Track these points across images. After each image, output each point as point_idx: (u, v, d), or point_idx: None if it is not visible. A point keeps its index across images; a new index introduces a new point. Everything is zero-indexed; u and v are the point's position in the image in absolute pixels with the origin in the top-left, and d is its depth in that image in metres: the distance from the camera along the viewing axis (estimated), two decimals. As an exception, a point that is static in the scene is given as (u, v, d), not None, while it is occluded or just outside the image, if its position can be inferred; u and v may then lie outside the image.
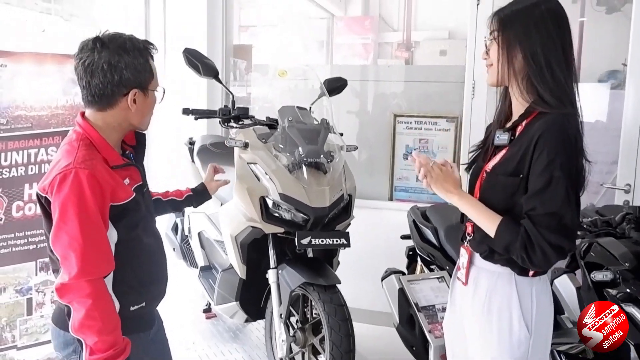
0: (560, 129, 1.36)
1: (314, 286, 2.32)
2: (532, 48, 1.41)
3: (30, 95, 2.53)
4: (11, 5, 3.00)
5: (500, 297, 1.47)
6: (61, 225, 1.43)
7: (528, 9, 1.44)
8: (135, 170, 1.63)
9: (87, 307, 1.42)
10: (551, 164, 1.33)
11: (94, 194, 1.43)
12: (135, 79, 1.53)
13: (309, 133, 2.43)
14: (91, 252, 1.43)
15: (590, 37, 5.79)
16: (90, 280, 1.43)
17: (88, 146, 1.50)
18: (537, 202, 1.34)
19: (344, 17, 8.37)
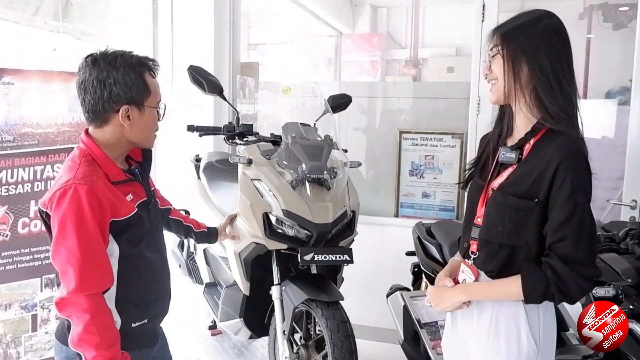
0: (579, 154, 1.35)
1: (317, 302, 2.31)
2: (539, 60, 1.40)
3: (37, 113, 2.57)
4: (20, 24, 3.06)
5: (507, 315, 1.45)
6: (60, 240, 1.45)
7: (531, 22, 1.44)
8: (139, 186, 1.64)
9: (85, 322, 1.43)
10: (576, 192, 1.32)
11: (92, 209, 1.44)
12: (125, 95, 1.53)
13: (312, 149, 2.44)
14: (89, 267, 1.44)
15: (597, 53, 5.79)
16: (88, 295, 1.44)
17: (90, 162, 1.52)
18: (567, 231, 1.32)
19: (352, 34, 8.44)
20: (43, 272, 2.60)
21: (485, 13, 3.33)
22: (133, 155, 1.69)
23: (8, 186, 2.49)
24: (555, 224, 1.34)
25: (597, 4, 5.86)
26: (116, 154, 1.59)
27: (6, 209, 2.50)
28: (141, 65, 1.57)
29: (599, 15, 5.90)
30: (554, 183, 1.34)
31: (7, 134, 2.49)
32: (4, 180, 2.48)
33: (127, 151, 1.65)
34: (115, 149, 1.59)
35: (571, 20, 6.07)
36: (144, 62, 1.58)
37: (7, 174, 2.49)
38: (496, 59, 1.46)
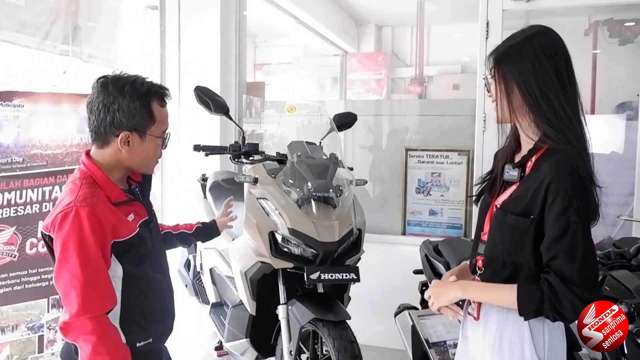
0: (570, 171, 1.33)
1: (324, 322, 2.29)
2: (526, 81, 1.40)
3: (46, 134, 2.60)
4: (31, 48, 3.11)
5: (511, 332, 1.44)
6: (62, 263, 1.47)
7: (521, 43, 1.44)
8: (140, 206, 1.66)
9: (93, 344, 1.44)
10: (567, 210, 1.31)
11: (93, 232, 1.46)
12: (127, 122, 1.55)
13: (317, 168, 2.44)
14: (91, 289, 1.45)
15: (604, 69, 5.80)
16: (92, 318, 1.45)
17: (90, 184, 1.54)
18: (558, 249, 1.31)
19: (357, 53, 8.52)
20: (50, 292, 2.61)
21: (489, 30, 3.36)
22: (133, 175, 1.71)
23: (17, 207, 2.51)
24: (547, 242, 1.34)
25: (602, 20, 5.88)
26: (116, 176, 1.61)
27: (15, 230, 2.52)
28: (149, 94, 1.58)
29: (605, 30, 5.92)
30: (546, 201, 1.34)
31: (16, 155, 2.52)
32: (13, 201, 2.50)
33: (127, 174, 1.66)
34: (115, 171, 1.60)
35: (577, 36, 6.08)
36: (154, 91, 1.59)
37: (16, 195, 2.51)
38: (492, 82, 1.48)
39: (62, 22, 3.45)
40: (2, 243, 2.49)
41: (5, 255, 2.50)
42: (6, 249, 2.50)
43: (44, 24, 3.24)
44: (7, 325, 2.50)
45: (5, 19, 2.92)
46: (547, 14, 3.74)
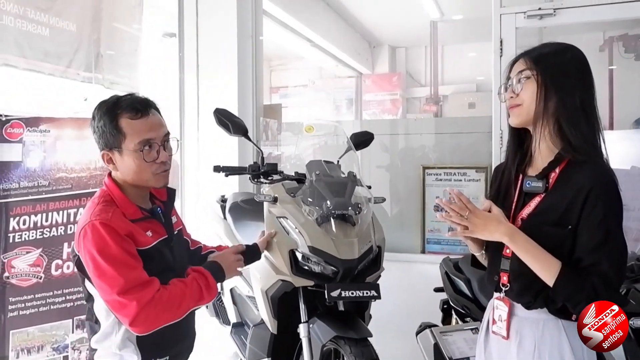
0: (610, 181, 1.36)
1: (345, 340, 2.28)
2: (570, 90, 1.42)
3: (71, 158, 2.67)
4: (54, 76, 3.22)
5: (550, 345, 1.41)
6: (99, 275, 1.53)
7: (561, 51, 1.47)
8: (159, 225, 1.70)
9: (168, 302, 1.54)
10: (607, 217, 1.33)
11: (112, 238, 1.52)
12: (103, 142, 1.63)
13: (336, 186, 2.46)
14: (134, 285, 1.51)
15: (620, 84, 5.79)
16: (149, 301, 1.52)
17: (108, 202, 1.60)
18: (601, 256, 1.33)
19: (372, 75, 8.61)
20: (74, 313, 2.64)
21: (503, 49, 3.38)
22: (158, 194, 1.75)
23: (43, 229, 2.57)
24: (589, 248, 1.34)
25: (617, 36, 5.89)
26: (133, 194, 1.66)
27: (41, 252, 2.57)
28: (115, 110, 1.60)
29: (620, 46, 5.92)
30: (585, 209, 1.35)
31: (42, 179, 2.58)
32: (39, 224, 2.56)
33: (143, 191, 1.70)
34: (130, 189, 1.66)
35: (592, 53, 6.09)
36: (122, 107, 1.60)
37: (42, 218, 2.57)
38: (527, 83, 1.45)
39: (85, 50, 3.56)
40: (29, 265, 2.54)
41: (31, 276, 2.54)
42: (32, 271, 2.55)
43: (67, 53, 3.34)
44: (32, 346, 2.54)
45: (30, 48, 3.03)
46: (561, 31, 3.76)
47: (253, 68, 4.08)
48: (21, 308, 2.52)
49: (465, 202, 1.44)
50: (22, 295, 2.52)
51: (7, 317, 2.49)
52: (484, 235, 1.43)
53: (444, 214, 1.46)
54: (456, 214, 1.44)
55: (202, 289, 1.66)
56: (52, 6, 3.08)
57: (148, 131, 1.62)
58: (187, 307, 1.62)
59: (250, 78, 4.07)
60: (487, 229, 1.42)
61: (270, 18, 5.22)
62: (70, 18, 3.25)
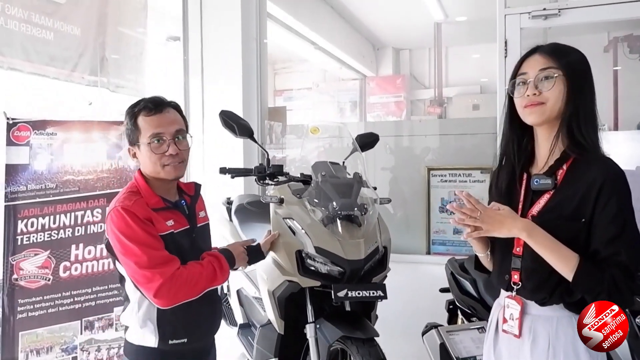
0: (621, 174, 1.39)
1: (352, 340, 2.29)
2: (588, 93, 1.46)
3: (78, 161, 2.69)
4: (59, 80, 3.24)
5: (564, 342, 1.41)
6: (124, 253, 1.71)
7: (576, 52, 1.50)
8: (181, 216, 1.86)
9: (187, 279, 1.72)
10: (623, 209, 1.36)
11: (134, 221, 1.70)
12: (128, 139, 1.86)
13: (342, 187, 2.47)
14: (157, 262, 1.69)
15: (625, 85, 5.77)
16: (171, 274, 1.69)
17: (132, 193, 1.79)
18: (619, 247, 1.34)
19: (376, 77, 8.61)
20: (83, 314, 2.66)
21: (507, 49, 3.39)
22: (186, 189, 1.95)
23: (51, 231, 2.59)
24: (606, 240, 1.36)
25: (621, 36, 5.88)
26: (157, 186, 1.83)
27: (48, 254, 2.59)
28: (136, 111, 1.82)
29: (624, 47, 5.91)
30: (598, 202, 1.36)
31: (50, 181, 2.60)
32: (46, 226, 2.58)
33: (167, 183, 1.86)
34: (155, 182, 1.84)
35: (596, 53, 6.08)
36: (140, 107, 1.82)
37: (49, 220, 2.59)
38: (556, 82, 1.45)
39: (90, 54, 3.58)
40: (37, 267, 2.56)
41: (39, 278, 2.56)
42: (40, 273, 2.56)
43: (72, 57, 3.37)
44: (42, 347, 2.56)
45: (35, 53, 3.05)
46: (565, 32, 3.77)
47: (257, 71, 4.09)
48: (30, 310, 2.54)
49: (475, 203, 1.44)
50: (30, 297, 2.54)
51: (17, 319, 2.51)
52: (501, 232, 1.42)
53: (457, 219, 1.46)
54: (468, 217, 1.43)
55: (216, 271, 1.84)
56: (57, 10, 3.11)
57: (157, 126, 1.79)
58: (202, 287, 1.79)
59: (254, 81, 4.09)
60: (504, 226, 1.41)
61: (274, 21, 5.24)
62: (75, 22, 3.27)
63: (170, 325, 1.77)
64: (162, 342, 1.77)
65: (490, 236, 1.48)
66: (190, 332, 1.83)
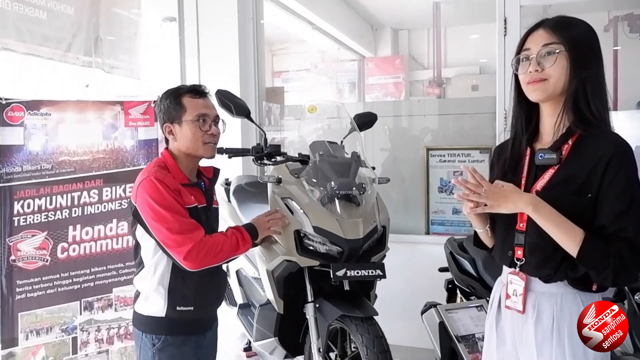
0: (628, 149, 1.36)
1: (351, 318, 2.29)
2: (594, 68, 1.42)
3: (73, 141, 2.66)
4: (54, 60, 3.20)
5: (569, 319, 1.40)
6: (156, 220, 1.83)
7: (582, 25, 1.45)
8: (200, 194, 2.00)
9: (212, 245, 1.88)
10: (630, 184, 1.33)
11: (167, 190, 1.84)
12: (166, 117, 1.98)
13: (340, 166, 2.45)
14: (186, 228, 1.83)
15: (625, 64, 5.73)
16: (199, 240, 1.84)
17: (161, 167, 1.94)
18: (626, 222, 1.32)
19: (374, 58, 8.55)
20: (82, 295, 2.66)
21: (507, 28, 3.35)
22: (205, 172, 2.08)
23: (47, 212, 2.57)
24: (613, 215, 1.34)
25: (622, 15, 5.82)
26: (184, 165, 1.98)
27: (46, 235, 2.57)
28: (178, 91, 1.99)
29: (625, 26, 5.86)
30: (605, 176, 1.34)
31: (45, 162, 2.58)
32: (43, 207, 2.56)
33: (192, 163, 2.01)
34: (183, 159, 1.98)
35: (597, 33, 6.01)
36: (184, 89, 2.01)
37: (46, 201, 2.57)
38: (557, 58, 1.41)
39: (84, 34, 3.53)
40: (34, 248, 2.55)
41: (37, 259, 2.56)
42: (38, 254, 2.56)
43: (66, 37, 3.32)
44: (41, 327, 2.56)
45: (28, 33, 3.01)
46: (565, 10, 3.71)
47: (254, 51, 4.05)
48: (29, 291, 2.54)
49: (480, 179, 1.42)
50: (29, 278, 2.54)
51: (15, 300, 2.51)
52: (507, 207, 1.40)
53: (462, 194, 1.43)
54: (472, 192, 1.41)
55: (238, 241, 2.00)
56: (49, -11, 3.06)
57: (203, 108, 1.99)
58: (226, 254, 1.95)
59: (251, 61, 4.05)
60: (509, 201, 1.39)
61: (270, 0, 5.17)
62: (68, 2, 3.23)
63: (179, 292, 1.89)
64: (170, 309, 1.88)
65: (494, 212, 1.46)
66: (197, 301, 1.93)
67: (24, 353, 2.54)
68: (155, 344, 1.88)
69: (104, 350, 2.72)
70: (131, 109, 2.81)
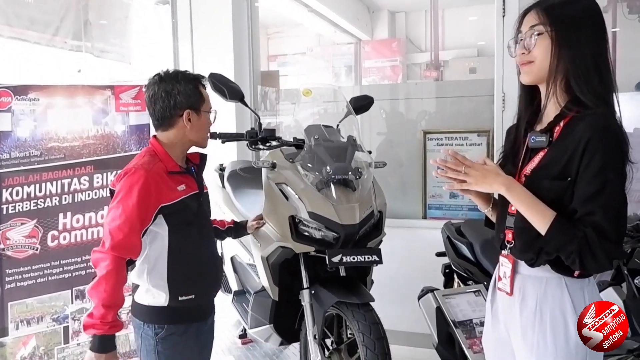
0: (609, 130, 1.31)
1: (348, 305, 2.27)
2: (581, 47, 1.36)
3: (63, 127, 2.60)
4: (41, 44, 3.13)
5: (552, 304, 1.39)
6: (111, 207, 1.79)
7: (573, 3, 1.40)
8: (192, 181, 1.95)
9: (102, 276, 1.72)
10: (605, 168, 1.28)
11: (140, 192, 1.76)
12: (187, 102, 1.88)
13: (336, 150, 2.41)
14: (122, 235, 1.74)
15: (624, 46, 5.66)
16: (114, 256, 1.73)
17: (152, 156, 1.88)
18: (595, 206, 1.29)
19: (371, 41, 8.45)
20: (73, 284, 2.62)
21: (505, 8, 3.29)
22: (192, 158, 2.01)
23: (37, 200, 2.52)
24: (582, 198, 1.31)
25: (621, -4, 5.74)
26: (176, 153, 1.92)
27: (35, 223, 2.53)
28: (196, 79, 1.93)
29: (624, 7, 5.77)
30: (583, 159, 1.31)
31: (34, 149, 2.53)
32: (32, 194, 2.51)
33: (185, 151, 1.96)
34: (176, 148, 1.92)
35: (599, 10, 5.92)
36: (197, 77, 1.95)
37: (35, 188, 2.52)
38: (540, 39, 1.39)
39: (72, 18, 3.46)
40: (24, 236, 2.50)
41: (27, 248, 2.51)
42: (28, 242, 2.51)
43: (54, 21, 3.25)
44: (32, 317, 2.52)
45: (15, 16, 2.94)
46: (565, -11, 3.64)
47: (249, 34, 3.97)
48: (18, 280, 2.50)
49: (462, 160, 1.44)
50: (18, 267, 2.49)
51: (5, 289, 2.47)
52: (483, 187, 1.41)
53: (440, 171, 1.46)
54: (451, 170, 1.43)
55: (101, 314, 1.74)
56: (36, -29, 2.98)
57: (209, 100, 1.98)
58: (97, 293, 1.75)
59: (246, 44, 3.97)
60: (486, 180, 1.40)
61: (265, -18, 5.08)
62: (55, -16, 3.15)
63: (179, 282, 1.86)
64: (173, 299, 1.85)
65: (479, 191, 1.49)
66: (198, 289, 1.92)
67: (14, 343, 2.50)
68: (158, 334, 1.86)
69: (97, 339, 2.69)
70: (122, 94, 2.75)
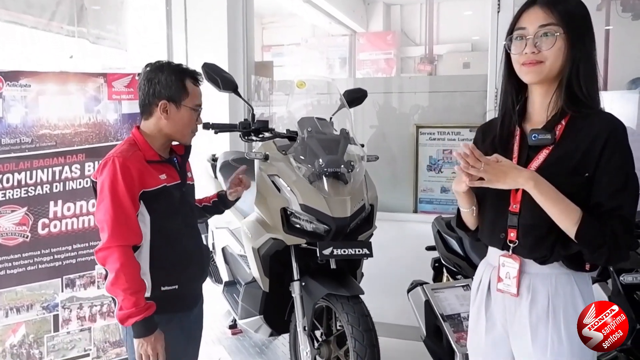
0: (623, 129, 1.36)
1: (337, 297, 2.28)
2: (589, 50, 1.40)
3: (54, 114, 2.59)
4: (37, 29, 3.10)
5: (563, 300, 1.40)
6: (100, 201, 1.79)
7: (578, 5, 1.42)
8: (173, 170, 1.94)
9: (116, 269, 1.73)
10: (626, 163, 1.35)
11: (124, 178, 1.76)
12: (165, 92, 1.86)
13: (328, 143, 2.42)
14: (120, 223, 1.75)
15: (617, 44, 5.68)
16: (119, 246, 1.74)
17: (131, 145, 1.87)
18: (622, 200, 1.33)
19: (366, 33, 8.43)
20: (63, 272, 2.61)
21: (500, 4, 3.30)
22: (177, 149, 2.00)
23: (27, 187, 2.51)
24: (609, 193, 1.34)
25: (615, -7, 5.75)
26: (157, 144, 1.90)
27: (26, 210, 2.51)
28: (183, 72, 1.90)
29: (617, 5, 5.79)
30: (603, 155, 1.34)
31: (25, 135, 2.51)
32: (23, 182, 2.50)
33: (167, 143, 1.94)
34: (157, 139, 1.90)
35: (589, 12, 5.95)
36: (187, 71, 1.92)
37: (26, 176, 2.50)
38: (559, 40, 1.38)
39: (68, 2, 3.43)
40: (14, 224, 2.49)
41: (17, 235, 2.50)
42: (18, 230, 2.50)
43: (49, 5, 3.22)
44: (22, 305, 2.52)
45: (11, 0, 2.91)
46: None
47: (244, 23, 3.95)
48: (8, 267, 2.49)
49: (478, 156, 1.39)
50: (8, 254, 2.48)
51: (-6, 276, 2.46)
52: (506, 183, 1.37)
53: (462, 166, 1.39)
54: (471, 166, 1.37)
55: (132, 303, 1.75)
56: (32, -45, 2.95)
57: (199, 98, 1.96)
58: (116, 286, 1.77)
59: (240, 34, 3.95)
60: (509, 176, 1.37)
61: (261, -28, 5.05)
62: (51, -32, 3.12)
63: (162, 270, 1.84)
64: (155, 289, 1.83)
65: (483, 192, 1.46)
66: (182, 279, 1.90)
67: (3, 331, 2.50)
68: None
69: (86, 328, 2.69)
70: (115, 82, 2.73)
